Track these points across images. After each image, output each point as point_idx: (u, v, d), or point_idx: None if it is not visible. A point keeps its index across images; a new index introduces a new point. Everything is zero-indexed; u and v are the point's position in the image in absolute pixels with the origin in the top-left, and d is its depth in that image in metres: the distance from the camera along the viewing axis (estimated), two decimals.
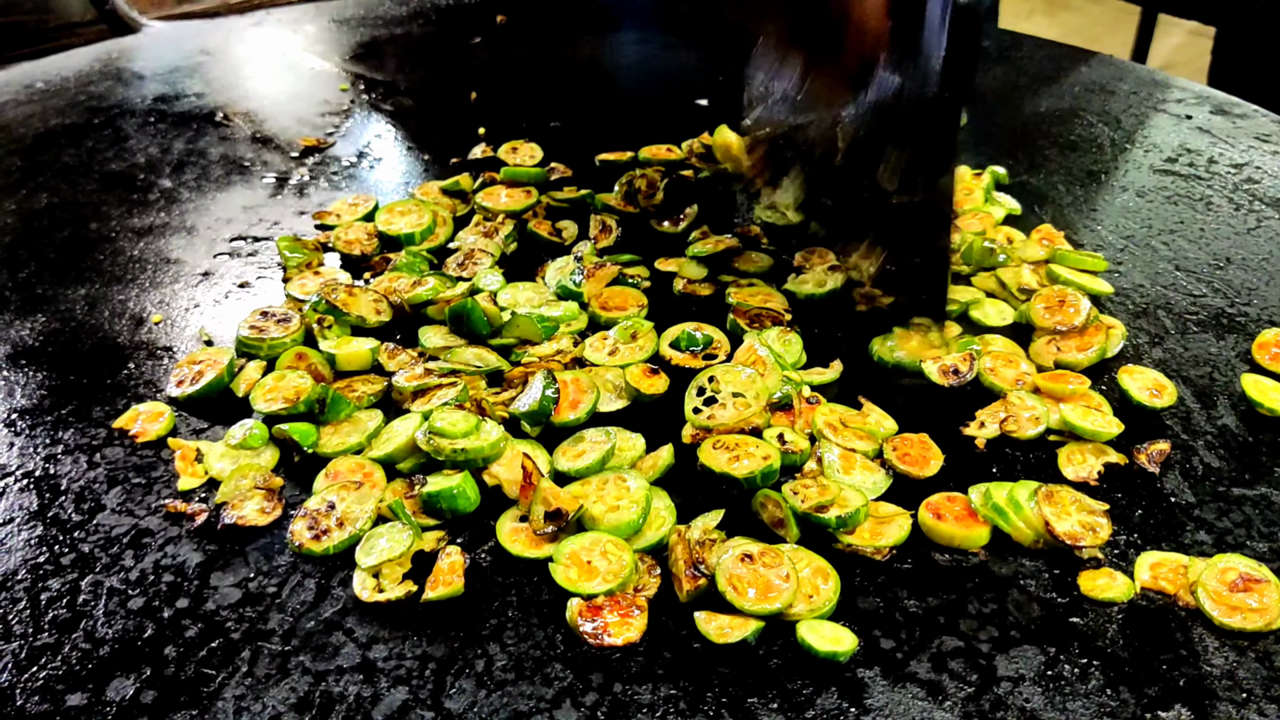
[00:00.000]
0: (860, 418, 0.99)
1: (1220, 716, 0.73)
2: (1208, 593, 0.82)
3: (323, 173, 1.49)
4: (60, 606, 0.82)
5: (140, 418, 1.01)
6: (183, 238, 1.33)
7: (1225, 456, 0.96)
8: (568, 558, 0.84)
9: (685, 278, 1.22)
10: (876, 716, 0.74)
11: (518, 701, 0.75)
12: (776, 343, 1.08)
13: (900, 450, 0.96)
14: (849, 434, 0.97)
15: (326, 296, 1.12)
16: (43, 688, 0.76)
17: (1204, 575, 0.82)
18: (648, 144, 1.53)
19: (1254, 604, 0.81)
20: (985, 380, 1.04)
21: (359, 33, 2.00)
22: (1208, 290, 1.19)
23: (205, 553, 0.87)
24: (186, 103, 1.71)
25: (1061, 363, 1.05)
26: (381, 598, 0.82)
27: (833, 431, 0.97)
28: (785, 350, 1.07)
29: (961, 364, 1.05)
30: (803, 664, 0.77)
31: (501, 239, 1.28)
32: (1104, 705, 0.74)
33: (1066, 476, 0.94)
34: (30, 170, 1.49)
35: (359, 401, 1.02)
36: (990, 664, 0.77)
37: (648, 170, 1.43)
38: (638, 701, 0.75)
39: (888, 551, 0.86)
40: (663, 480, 0.94)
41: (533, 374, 1.02)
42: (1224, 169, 1.44)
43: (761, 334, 1.09)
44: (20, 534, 0.89)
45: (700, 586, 0.82)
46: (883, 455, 0.96)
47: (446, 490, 0.89)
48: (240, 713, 0.74)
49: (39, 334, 1.14)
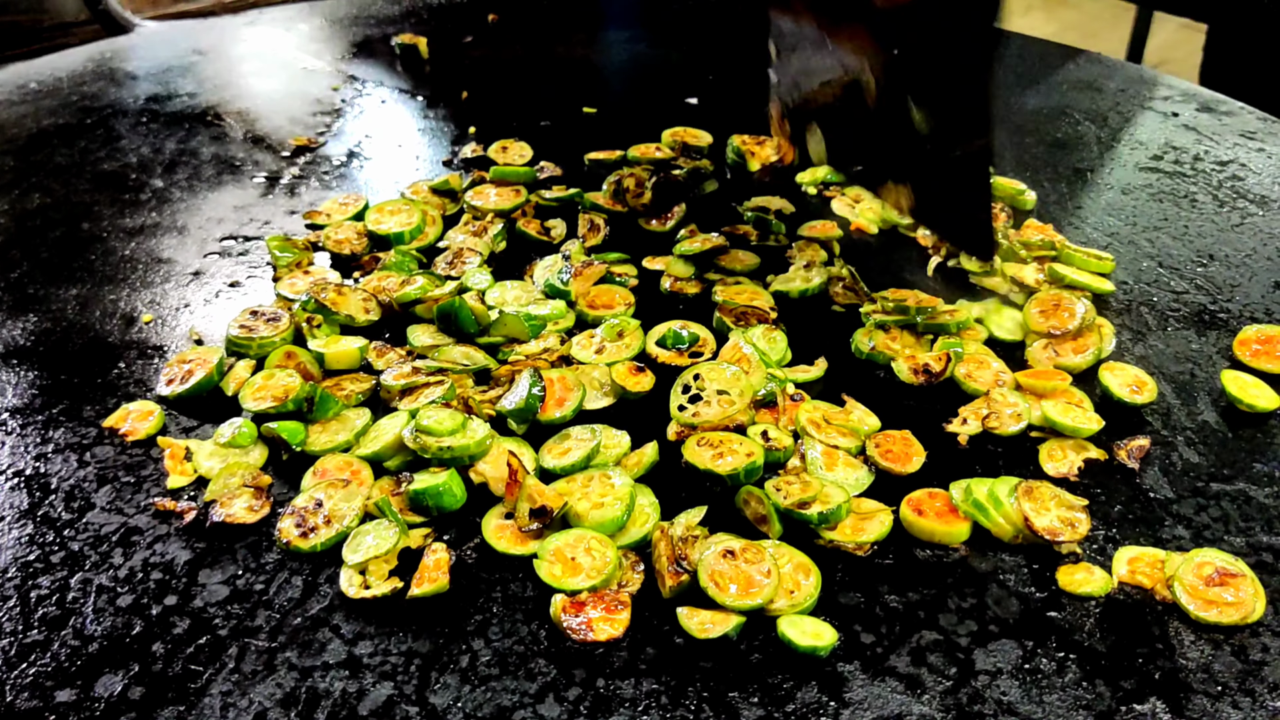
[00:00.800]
0: (843, 414, 1.00)
1: (1195, 709, 0.74)
2: (1184, 587, 0.83)
3: (314, 172, 1.49)
4: (50, 604, 0.83)
5: (130, 416, 1.02)
6: (174, 237, 1.34)
7: (1204, 452, 0.97)
8: (552, 554, 0.85)
9: (672, 276, 1.23)
10: (856, 710, 0.75)
11: (501, 696, 0.76)
12: (762, 340, 1.09)
13: (883, 447, 0.97)
14: (832, 430, 0.98)
15: (315, 296, 1.13)
16: (32, 684, 0.77)
17: (1180, 570, 0.83)
18: (637, 143, 1.53)
19: (1230, 598, 0.82)
20: (965, 386, 1.04)
21: (352, 32, 2.01)
22: (1190, 287, 1.20)
23: (194, 550, 0.88)
24: (179, 102, 1.72)
25: (1060, 366, 1.06)
26: (368, 594, 0.83)
27: (816, 428, 0.98)
28: (770, 348, 1.08)
29: (934, 363, 1.05)
30: (783, 658, 0.78)
31: (490, 238, 1.29)
32: (1080, 698, 0.75)
33: (1047, 472, 0.95)
34: (23, 170, 1.49)
35: (347, 400, 1.02)
36: (969, 658, 0.78)
37: (635, 169, 1.44)
38: (620, 696, 0.76)
39: (869, 548, 0.87)
40: (647, 477, 0.94)
41: (519, 372, 1.03)
42: (1209, 166, 1.45)
43: (747, 332, 1.10)
44: (10, 532, 0.90)
45: (683, 582, 0.82)
46: (865, 452, 0.97)
47: (433, 488, 0.90)
48: (227, 709, 0.75)
49: (30, 333, 1.15)
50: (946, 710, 0.74)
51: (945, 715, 0.74)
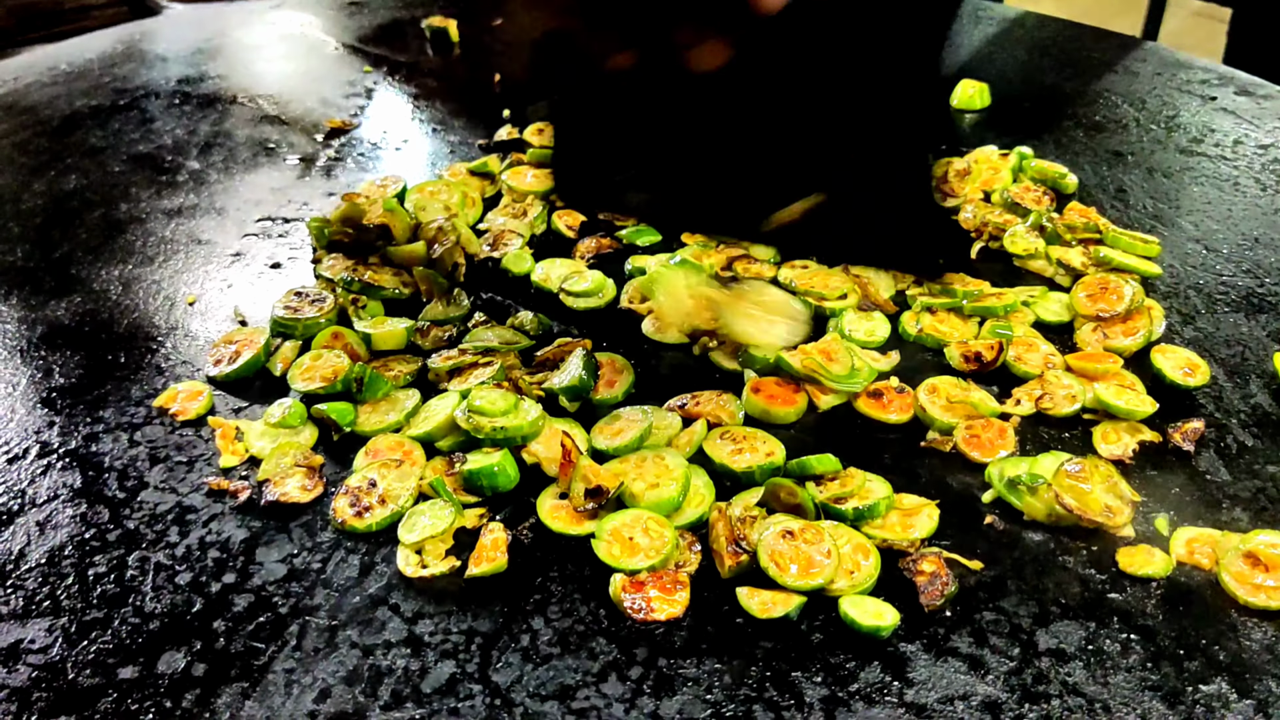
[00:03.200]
0: (962, 391, 1.00)
1: (1262, 691, 0.74)
2: (1230, 574, 0.82)
3: (349, 154, 1.49)
4: (108, 582, 0.83)
5: (180, 396, 1.02)
6: (213, 219, 1.34)
7: (1259, 435, 0.97)
8: (609, 534, 0.85)
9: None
10: (920, 689, 0.74)
11: (564, 675, 0.76)
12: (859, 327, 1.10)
13: (973, 431, 0.96)
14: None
15: (355, 275, 1.13)
16: (94, 661, 0.77)
17: (1225, 558, 0.83)
18: None
19: (1273, 583, 0.81)
20: (1015, 369, 1.04)
21: (380, 15, 2.00)
22: (1237, 270, 1.19)
23: (249, 529, 0.88)
24: (210, 84, 1.72)
25: (1110, 349, 1.05)
26: (426, 573, 0.83)
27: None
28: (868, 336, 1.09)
29: (986, 352, 1.04)
30: (845, 638, 0.78)
31: (531, 220, 1.29)
32: (1145, 679, 0.75)
33: (1101, 454, 0.94)
34: (58, 151, 1.49)
35: (395, 381, 1.02)
36: (1031, 639, 0.78)
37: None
38: (683, 675, 0.76)
39: (919, 544, 0.86)
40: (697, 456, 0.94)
41: (569, 351, 1.02)
42: (1250, 150, 1.44)
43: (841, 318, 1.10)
44: (65, 510, 0.90)
45: (742, 563, 0.82)
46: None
47: (487, 468, 0.90)
48: (291, 685, 0.75)
49: (75, 314, 1.15)
50: (1011, 691, 0.74)
51: (1010, 696, 0.74)
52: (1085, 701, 0.73)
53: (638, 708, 0.73)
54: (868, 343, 1.07)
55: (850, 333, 1.08)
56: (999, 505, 0.89)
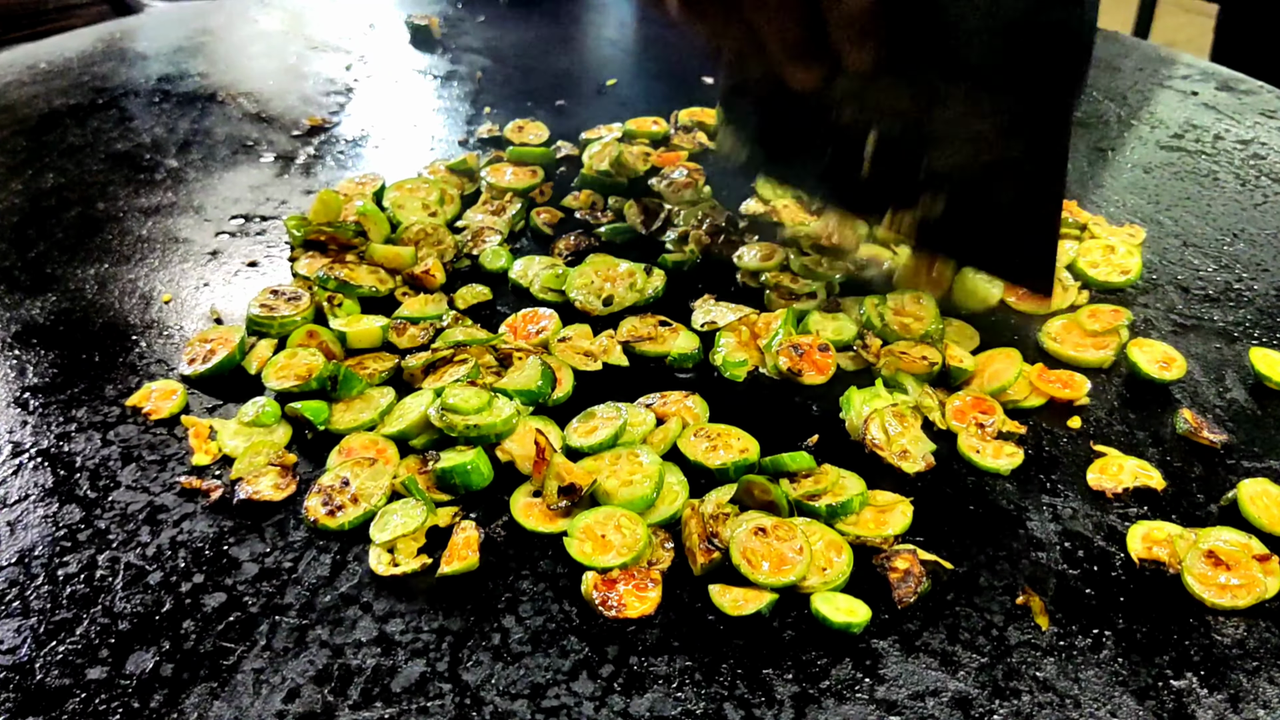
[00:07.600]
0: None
1: (1232, 685, 0.74)
2: (1194, 576, 0.81)
3: (329, 152, 1.48)
4: (78, 582, 0.83)
5: (153, 395, 1.01)
6: (190, 217, 1.33)
7: (1234, 429, 0.97)
8: (582, 532, 0.85)
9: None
10: (891, 686, 0.74)
11: (535, 674, 0.75)
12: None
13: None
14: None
15: (331, 273, 1.13)
16: (62, 661, 0.76)
17: (1187, 559, 0.82)
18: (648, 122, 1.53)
19: (1237, 581, 0.81)
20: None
21: (362, 11, 2.00)
22: (1215, 265, 1.19)
23: (221, 528, 0.88)
24: (190, 82, 1.71)
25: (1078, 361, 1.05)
26: (397, 571, 0.83)
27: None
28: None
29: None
30: (817, 635, 0.78)
31: (509, 217, 1.28)
32: (1116, 674, 0.75)
33: (1091, 485, 0.92)
34: (36, 150, 1.48)
35: (370, 379, 1.02)
36: (1003, 634, 0.78)
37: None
38: (654, 673, 0.75)
39: (893, 540, 0.86)
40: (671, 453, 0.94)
41: (522, 358, 1.02)
42: (1230, 145, 1.44)
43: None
44: (36, 510, 0.90)
45: (714, 560, 0.82)
46: None
47: (460, 466, 0.90)
48: (260, 685, 0.75)
49: (49, 313, 1.14)
50: (982, 687, 0.74)
51: (981, 692, 0.74)
52: (1056, 697, 0.73)
53: (608, 706, 0.73)
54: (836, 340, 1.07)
55: (818, 332, 1.07)
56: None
